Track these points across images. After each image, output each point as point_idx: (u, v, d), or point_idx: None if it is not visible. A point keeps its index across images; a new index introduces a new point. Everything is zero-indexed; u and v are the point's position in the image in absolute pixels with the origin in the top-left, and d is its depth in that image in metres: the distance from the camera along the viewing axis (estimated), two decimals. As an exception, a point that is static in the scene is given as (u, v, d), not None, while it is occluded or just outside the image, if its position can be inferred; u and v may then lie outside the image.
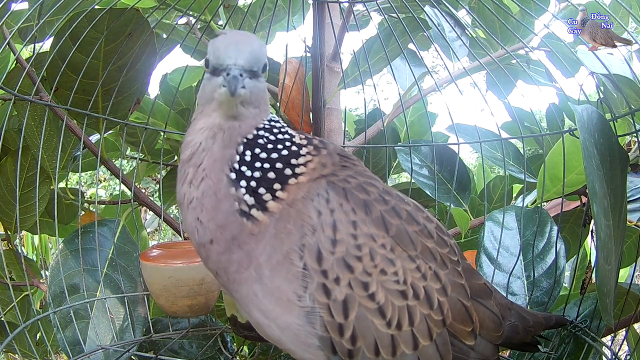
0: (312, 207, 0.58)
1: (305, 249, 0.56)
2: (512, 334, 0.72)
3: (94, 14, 0.97)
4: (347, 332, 0.57)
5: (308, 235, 0.57)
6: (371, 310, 0.57)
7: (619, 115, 0.97)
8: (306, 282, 0.56)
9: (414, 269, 0.60)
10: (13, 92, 0.91)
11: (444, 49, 1.39)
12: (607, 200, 0.73)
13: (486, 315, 0.67)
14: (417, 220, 0.63)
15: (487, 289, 0.69)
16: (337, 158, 0.64)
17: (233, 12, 1.41)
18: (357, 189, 0.60)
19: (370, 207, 0.60)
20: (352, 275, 0.57)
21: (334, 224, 0.57)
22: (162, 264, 0.95)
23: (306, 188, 0.59)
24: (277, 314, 0.58)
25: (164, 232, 3.34)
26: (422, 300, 0.60)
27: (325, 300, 0.56)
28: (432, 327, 0.60)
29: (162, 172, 1.47)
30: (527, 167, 1.37)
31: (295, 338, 0.58)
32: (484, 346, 0.65)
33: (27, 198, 1.20)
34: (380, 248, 0.58)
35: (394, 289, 0.58)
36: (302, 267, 0.56)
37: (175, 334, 1.13)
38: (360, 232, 0.58)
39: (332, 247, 0.57)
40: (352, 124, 1.87)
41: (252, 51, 0.56)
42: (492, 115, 1.10)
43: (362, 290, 0.57)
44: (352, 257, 0.57)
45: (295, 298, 0.57)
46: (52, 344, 1.24)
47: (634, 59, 1.42)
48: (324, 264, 0.56)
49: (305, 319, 0.57)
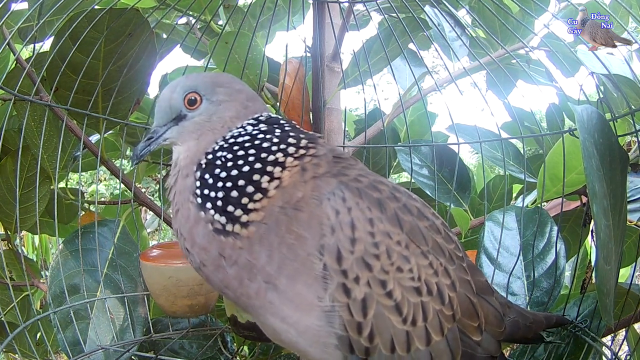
0: (329, 206, 0.58)
1: (325, 249, 0.57)
2: (514, 330, 0.73)
3: (94, 14, 0.97)
4: (365, 330, 0.58)
5: (327, 236, 0.57)
6: (388, 307, 0.58)
7: (619, 115, 0.97)
8: (326, 282, 0.57)
9: (427, 265, 0.61)
10: (13, 92, 0.91)
11: (444, 49, 1.39)
12: (607, 201, 0.73)
13: (490, 311, 0.67)
14: (426, 216, 0.64)
15: (489, 286, 0.70)
16: (331, 157, 0.64)
17: (233, 12, 1.41)
18: (370, 188, 0.61)
19: (384, 204, 0.60)
20: (371, 273, 0.58)
21: (352, 223, 0.57)
22: (162, 264, 0.96)
23: (308, 186, 0.59)
24: (296, 318, 0.58)
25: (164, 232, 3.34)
26: (435, 296, 0.61)
27: (345, 300, 0.57)
28: (443, 323, 0.61)
29: (162, 172, 1.48)
30: (527, 167, 1.36)
31: (314, 340, 0.59)
32: (489, 342, 0.66)
33: (27, 198, 1.20)
34: (396, 245, 0.59)
35: (409, 285, 0.59)
36: (322, 268, 0.56)
37: (175, 334, 1.13)
38: (377, 230, 0.58)
39: (351, 247, 0.57)
40: (351, 124, 1.86)
41: (163, 107, 0.66)
42: (492, 115, 1.10)
43: (380, 288, 0.58)
44: (371, 255, 0.58)
45: (316, 300, 0.57)
46: (52, 344, 1.24)
47: (634, 58, 1.42)
48: (344, 264, 0.57)
49: (325, 320, 0.57)
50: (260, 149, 0.61)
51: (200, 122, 0.64)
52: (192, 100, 0.64)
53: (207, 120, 0.64)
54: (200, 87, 0.65)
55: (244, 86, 0.68)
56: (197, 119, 0.64)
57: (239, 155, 0.60)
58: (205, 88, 0.65)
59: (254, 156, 0.60)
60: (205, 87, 0.65)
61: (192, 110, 0.64)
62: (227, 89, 0.65)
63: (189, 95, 0.64)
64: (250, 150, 0.61)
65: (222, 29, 1.30)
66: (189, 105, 0.64)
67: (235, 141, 0.62)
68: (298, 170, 0.60)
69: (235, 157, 0.60)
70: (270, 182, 0.59)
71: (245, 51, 1.23)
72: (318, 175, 0.61)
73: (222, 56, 1.23)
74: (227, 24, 1.38)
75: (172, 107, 0.66)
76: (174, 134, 0.65)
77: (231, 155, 0.60)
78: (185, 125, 0.64)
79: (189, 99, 0.64)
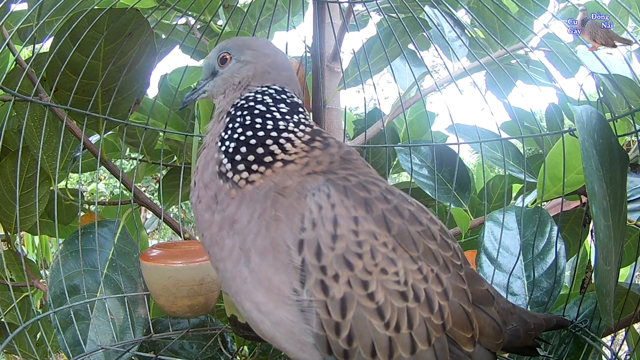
0: (313, 201, 0.58)
1: (305, 244, 0.56)
2: (514, 339, 0.71)
3: (94, 14, 0.97)
4: (343, 331, 0.56)
5: (307, 230, 0.57)
6: (370, 310, 0.57)
7: (618, 115, 0.97)
8: (304, 277, 0.56)
9: (416, 270, 0.59)
10: (13, 93, 0.91)
11: (443, 49, 1.39)
12: (606, 201, 0.73)
13: (487, 322, 0.65)
14: (420, 220, 0.62)
15: (489, 295, 0.68)
16: (338, 158, 0.64)
17: (233, 12, 1.41)
18: (357, 187, 0.60)
19: (371, 205, 0.59)
20: (352, 272, 0.56)
21: (335, 219, 0.57)
22: (162, 264, 0.95)
23: (298, 179, 0.60)
24: (269, 308, 0.58)
25: (163, 232, 3.34)
26: (423, 303, 0.59)
27: (322, 297, 0.56)
28: (431, 332, 0.59)
29: (162, 172, 1.48)
30: (526, 167, 1.36)
31: (290, 335, 0.58)
32: (483, 354, 0.64)
33: (27, 199, 1.19)
34: (381, 246, 0.58)
35: (394, 289, 0.58)
36: (299, 262, 0.56)
37: (175, 334, 1.13)
38: (361, 229, 0.57)
39: (332, 243, 0.56)
40: (350, 124, 1.86)
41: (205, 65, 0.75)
42: (492, 115, 1.10)
43: (361, 289, 0.56)
44: (353, 254, 0.57)
45: (289, 291, 0.56)
46: (52, 345, 1.24)
47: (633, 59, 1.42)
48: (323, 260, 0.56)
49: (300, 315, 0.57)
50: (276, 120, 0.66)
51: (226, 78, 0.72)
52: (223, 59, 0.72)
53: (230, 76, 0.71)
54: (231, 48, 0.72)
55: (275, 53, 0.73)
56: (225, 75, 0.72)
57: (256, 121, 0.65)
58: (235, 49, 0.72)
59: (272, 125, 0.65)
60: (235, 48, 0.72)
61: (222, 67, 0.72)
62: (254, 51, 0.71)
63: (222, 55, 0.72)
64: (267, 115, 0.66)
65: (221, 29, 1.30)
66: (221, 63, 0.73)
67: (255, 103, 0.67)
68: (302, 162, 0.62)
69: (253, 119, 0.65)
70: (279, 154, 0.63)
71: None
72: (311, 173, 0.61)
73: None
74: (227, 24, 1.38)
75: (210, 65, 0.74)
76: (209, 87, 0.74)
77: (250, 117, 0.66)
78: (216, 80, 0.73)
79: (221, 58, 0.72)
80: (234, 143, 0.64)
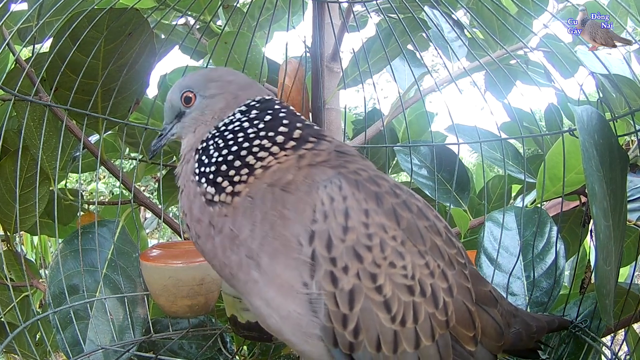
0: (325, 193, 0.58)
1: (316, 235, 0.56)
2: (516, 341, 0.71)
3: (94, 14, 0.97)
4: (350, 323, 0.57)
5: (319, 222, 0.57)
6: (377, 303, 0.57)
7: (618, 115, 0.97)
8: (314, 269, 0.56)
9: (423, 265, 0.60)
10: (13, 92, 0.91)
11: (443, 49, 1.39)
12: (606, 202, 0.73)
13: (489, 323, 0.65)
14: (427, 216, 0.63)
15: (492, 297, 0.68)
16: (334, 152, 0.65)
17: (232, 12, 1.41)
18: (368, 181, 0.61)
19: (382, 198, 0.60)
20: (361, 265, 0.57)
21: (346, 211, 0.57)
22: (162, 264, 0.95)
23: (303, 172, 0.60)
24: (278, 302, 0.58)
25: (163, 232, 3.34)
26: (428, 298, 0.59)
27: (331, 289, 0.56)
28: (435, 327, 0.59)
29: (161, 172, 1.48)
30: (526, 167, 1.37)
31: (297, 328, 0.58)
32: (484, 355, 0.64)
33: (27, 199, 1.19)
34: (390, 240, 0.58)
35: (401, 283, 0.58)
36: (310, 253, 0.56)
37: (175, 334, 1.13)
38: (372, 222, 0.58)
39: (343, 235, 0.56)
40: (350, 124, 1.86)
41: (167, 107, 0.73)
42: (492, 115, 1.10)
43: (369, 281, 0.57)
44: (363, 246, 0.57)
45: (300, 285, 0.57)
46: (51, 344, 1.24)
47: (633, 59, 1.42)
48: (334, 251, 0.56)
49: (308, 307, 0.57)
50: (247, 132, 0.65)
51: (195, 117, 0.70)
52: (187, 99, 0.70)
53: (200, 114, 0.70)
54: (193, 85, 0.70)
55: (236, 76, 0.71)
56: (193, 115, 0.70)
57: (228, 138, 0.65)
58: (198, 85, 0.70)
59: (243, 137, 0.64)
60: (198, 84, 0.70)
61: (188, 107, 0.70)
62: (218, 82, 0.70)
63: (185, 94, 0.70)
64: (239, 133, 0.65)
65: (221, 30, 1.30)
66: (185, 103, 0.71)
67: (225, 128, 0.66)
68: (293, 157, 0.62)
69: (226, 140, 0.65)
70: (256, 162, 0.63)
71: (244, 51, 1.23)
72: (314, 164, 0.61)
73: (222, 56, 1.23)
74: (227, 24, 1.38)
75: (174, 107, 0.72)
76: (177, 129, 0.72)
77: (222, 140, 0.65)
78: (184, 121, 0.71)
79: (185, 98, 0.71)
80: (214, 167, 0.64)
